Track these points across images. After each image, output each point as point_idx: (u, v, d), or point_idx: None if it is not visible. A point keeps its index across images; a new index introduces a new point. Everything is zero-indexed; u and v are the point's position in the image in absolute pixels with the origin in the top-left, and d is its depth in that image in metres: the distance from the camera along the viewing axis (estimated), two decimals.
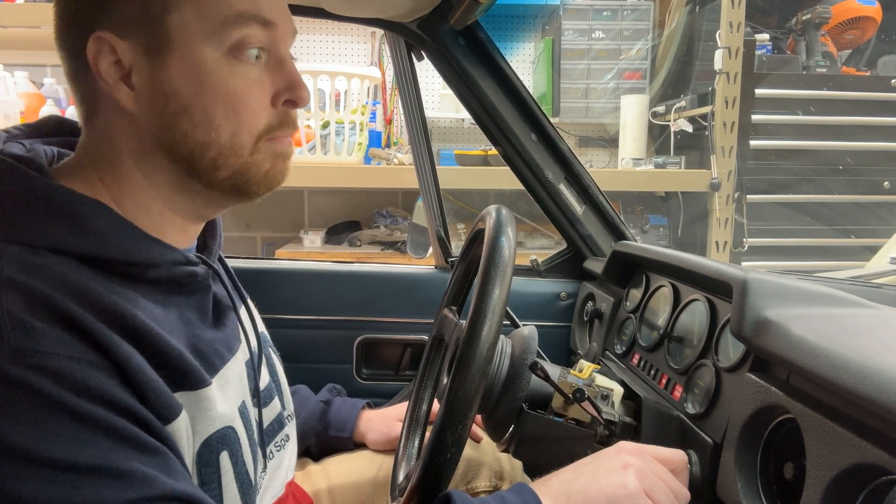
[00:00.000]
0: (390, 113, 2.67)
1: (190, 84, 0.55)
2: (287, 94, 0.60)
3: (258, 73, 0.58)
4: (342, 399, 1.06)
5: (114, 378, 0.48)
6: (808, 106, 2.38)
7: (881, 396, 0.47)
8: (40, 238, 0.51)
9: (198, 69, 0.55)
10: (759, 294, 0.67)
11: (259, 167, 0.60)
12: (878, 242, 2.18)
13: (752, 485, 0.63)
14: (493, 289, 0.62)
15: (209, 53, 0.55)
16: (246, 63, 0.57)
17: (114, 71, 0.55)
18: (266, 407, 0.73)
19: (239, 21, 0.55)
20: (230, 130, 0.57)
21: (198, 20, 0.55)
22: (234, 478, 0.60)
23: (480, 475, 0.98)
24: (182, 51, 0.55)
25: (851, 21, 2.53)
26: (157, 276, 0.57)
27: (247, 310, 0.74)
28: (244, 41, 0.56)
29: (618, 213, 1.30)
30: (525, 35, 2.76)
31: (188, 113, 0.56)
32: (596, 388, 0.75)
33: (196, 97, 0.56)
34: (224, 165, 0.58)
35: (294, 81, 0.60)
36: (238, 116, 0.57)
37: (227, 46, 0.56)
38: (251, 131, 0.58)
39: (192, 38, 0.55)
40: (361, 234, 2.49)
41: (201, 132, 0.56)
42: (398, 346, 1.32)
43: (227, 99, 0.56)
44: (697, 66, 2.43)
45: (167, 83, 0.55)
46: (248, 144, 0.58)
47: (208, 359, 0.59)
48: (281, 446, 0.76)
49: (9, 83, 2.25)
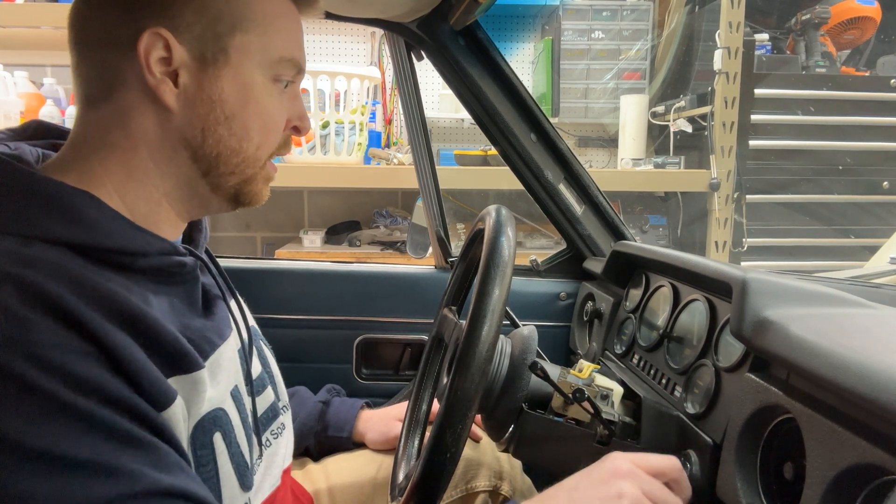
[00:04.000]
0: (390, 113, 2.67)
1: (238, 98, 0.62)
2: (296, 121, 0.69)
3: (284, 101, 0.67)
4: (341, 399, 1.06)
5: (107, 368, 0.49)
6: (808, 106, 2.38)
7: (881, 396, 0.47)
8: (33, 229, 0.52)
9: (247, 87, 0.62)
10: (758, 294, 0.67)
11: (257, 183, 0.67)
12: (877, 242, 2.18)
13: (751, 485, 0.63)
14: (493, 289, 0.62)
15: (258, 77, 0.63)
16: (280, 91, 0.66)
17: (161, 66, 0.58)
18: (259, 395, 0.73)
19: (288, 64, 0.65)
20: (258, 142, 0.64)
21: (258, 50, 0.62)
22: (230, 458, 0.61)
23: (480, 475, 0.98)
24: (237, 69, 0.62)
25: (851, 21, 2.53)
26: (146, 266, 0.58)
27: (236, 302, 0.75)
28: (282, 76, 0.65)
29: (617, 213, 1.30)
30: (525, 35, 2.76)
31: (229, 121, 0.62)
32: (596, 388, 0.75)
33: (241, 110, 0.62)
34: (240, 172, 0.65)
35: (303, 112, 0.70)
36: (267, 133, 0.65)
37: (271, 75, 0.64)
38: (270, 146, 0.66)
39: (248, 62, 0.62)
40: (361, 234, 2.49)
41: (235, 140, 0.63)
42: (398, 346, 1.32)
43: (263, 116, 0.64)
44: (697, 66, 2.43)
45: (217, 92, 0.61)
46: (263, 158, 0.66)
47: (199, 346, 0.60)
48: (277, 434, 0.76)
49: (9, 83, 2.25)
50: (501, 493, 0.98)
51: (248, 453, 0.65)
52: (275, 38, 0.63)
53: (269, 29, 0.63)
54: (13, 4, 2.18)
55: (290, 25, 0.66)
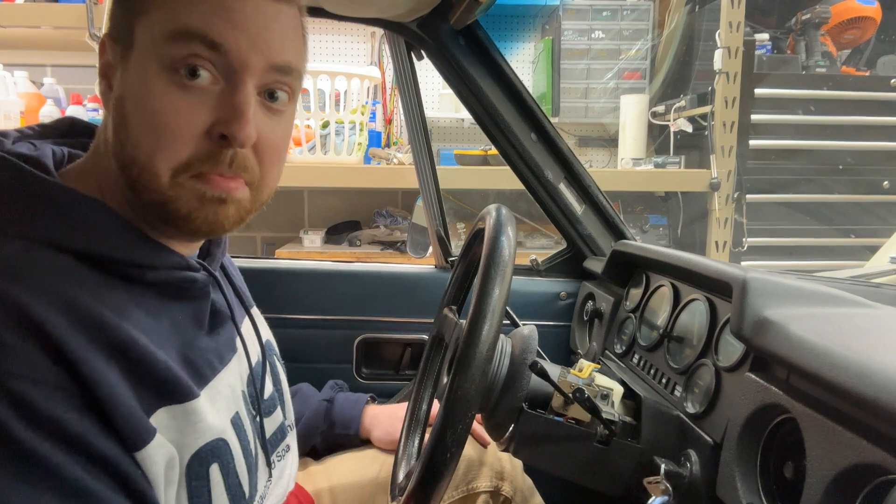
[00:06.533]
0: (390, 113, 2.67)
1: (132, 94, 0.52)
2: (222, 127, 0.52)
3: (197, 98, 0.52)
4: (345, 395, 1.06)
5: (76, 405, 0.45)
6: (808, 106, 2.38)
7: (881, 396, 0.47)
8: (39, 233, 0.51)
9: (139, 80, 0.51)
10: (758, 294, 0.67)
11: (179, 205, 0.53)
12: (877, 242, 2.18)
13: (751, 484, 0.63)
14: (493, 288, 0.62)
15: (152, 68, 0.51)
16: (180, 84, 0.51)
17: (108, 73, 0.57)
18: (269, 417, 0.72)
19: (179, 37, 0.50)
20: (147, 151, 0.52)
21: (153, 29, 0.51)
22: (225, 490, 0.59)
23: (481, 475, 0.98)
24: (137, 59, 0.52)
25: (851, 21, 2.53)
26: (155, 279, 0.56)
27: (250, 319, 0.73)
28: (183, 59, 0.51)
29: (618, 212, 1.30)
30: (525, 35, 2.76)
31: (126, 123, 0.52)
32: (596, 388, 0.75)
33: (133, 109, 0.52)
34: (145, 189, 0.53)
35: (235, 113, 0.52)
36: (157, 139, 0.51)
37: (167, 61, 0.51)
38: (169, 160, 0.52)
39: (145, 49, 0.51)
40: (361, 234, 2.49)
41: (130, 147, 0.52)
42: (398, 345, 1.32)
43: (150, 117, 0.51)
44: (697, 65, 2.43)
45: (121, 88, 0.53)
46: (164, 175, 0.52)
47: (199, 369, 0.58)
48: (282, 456, 0.76)
49: (9, 83, 2.24)
50: (502, 493, 0.98)
51: (247, 484, 0.62)
52: (171, 9, 0.50)
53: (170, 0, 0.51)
54: (13, 4, 2.18)
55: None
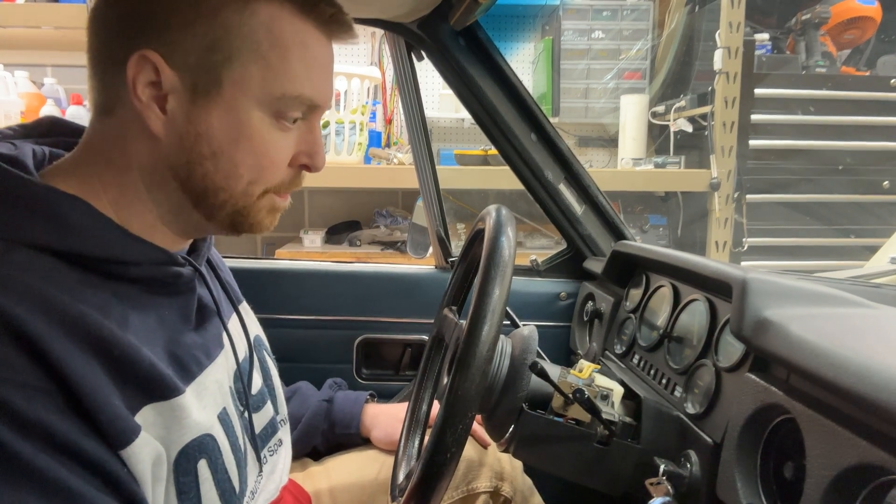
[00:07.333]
0: (390, 113, 2.67)
1: (228, 134, 0.57)
2: (305, 159, 0.63)
3: (290, 136, 0.61)
4: (344, 393, 1.06)
5: (59, 406, 0.46)
6: (808, 106, 2.38)
7: (881, 396, 0.47)
8: (19, 234, 0.51)
9: (241, 124, 0.57)
10: (758, 294, 0.66)
11: (256, 213, 0.62)
12: (877, 242, 2.18)
13: (752, 485, 0.63)
14: (493, 289, 0.62)
15: (256, 114, 0.57)
16: (284, 128, 0.60)
17: (149, 91, 0.55)
18: (258, 412, 0.72)
19: (294, 101, 0.58)
20: (248, 180, 0.59)
21: (258, 85, 0.56)
22: (215, 486, 0.59)
23: (481, 475, 0.98)
24: (231, 103, 0.56)
25: (851, 21, 2.53)
26: (138, 275, 0.56)
27: (238, 314, 0.73)
28: (291, 114, 0.59)
29: (617, 212, 1.30)
30: (525, 35, 2.76)
31: (216, 158, 0.57)
32: (596, 388, 0.75)
33: (229, 147, 0.57)
34: (230, 205, 0.60)
35: (316, 148, 0.62)
36: (262, 171, 0.59)
37: (274, 110, 0.58)
38: (266, 184, 0.60)
39: (245, 97, 0.56)
40: (361, 234, 2.49)
41: (222, 177, 0.58)
42: (398, 346, 1.32)
43: (258, 156, 0.58)
44: (697, 66, 2.43)
45: (204, 125, 0.56)
46: (257, 193, 0.60)
47: (185, 364, 0.58)
48: (274, 451, 0.75)
49: (9, 83, 2.24)
50: (502, 493, 0.98)
51: (236, 479, 0.62)
52: (282, 72, 0.57)
53: (277, 61, 0.57)
54: (13, 4, 2.18)
55: (307, 55, 0.59)
